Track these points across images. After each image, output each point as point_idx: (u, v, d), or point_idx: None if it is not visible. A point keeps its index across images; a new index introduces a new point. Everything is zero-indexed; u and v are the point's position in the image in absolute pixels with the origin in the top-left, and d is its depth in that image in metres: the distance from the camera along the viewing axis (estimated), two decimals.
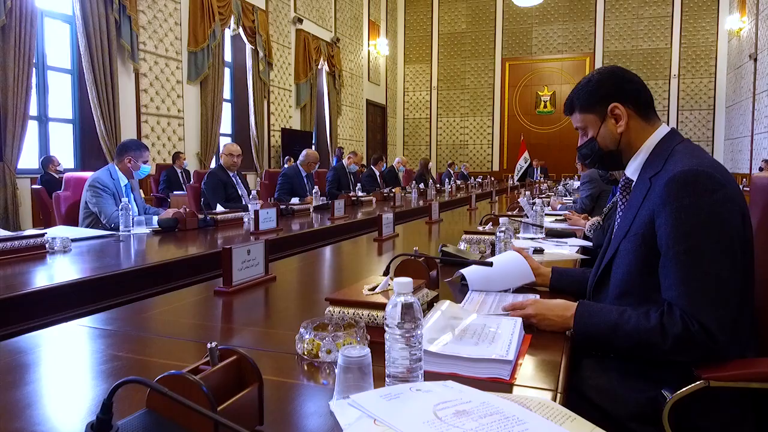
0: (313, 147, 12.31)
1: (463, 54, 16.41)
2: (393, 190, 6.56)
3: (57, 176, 5.80)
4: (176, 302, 1.40)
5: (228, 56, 9.72)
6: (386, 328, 0.79)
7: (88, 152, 7.16)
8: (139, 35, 7.42)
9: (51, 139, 6.83)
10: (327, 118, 12.78)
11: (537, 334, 1.13)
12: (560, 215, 3.66)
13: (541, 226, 2.60)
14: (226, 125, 9.91)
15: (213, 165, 9.20)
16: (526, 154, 14.54)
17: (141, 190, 6.62)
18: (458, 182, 8.90)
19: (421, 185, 6.96)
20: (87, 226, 2.96)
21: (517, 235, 2.71)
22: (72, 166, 7.08)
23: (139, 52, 7.45)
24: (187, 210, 2.95)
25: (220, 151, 4.35)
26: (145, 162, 3.23)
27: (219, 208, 3.29)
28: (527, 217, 3.00)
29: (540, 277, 1.50)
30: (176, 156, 7.38)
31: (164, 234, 2.78)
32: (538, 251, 2.15)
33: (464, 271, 1.52)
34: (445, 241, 2.65)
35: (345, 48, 13.53)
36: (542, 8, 14.90)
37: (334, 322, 1.04)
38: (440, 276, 1.59)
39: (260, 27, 9.86)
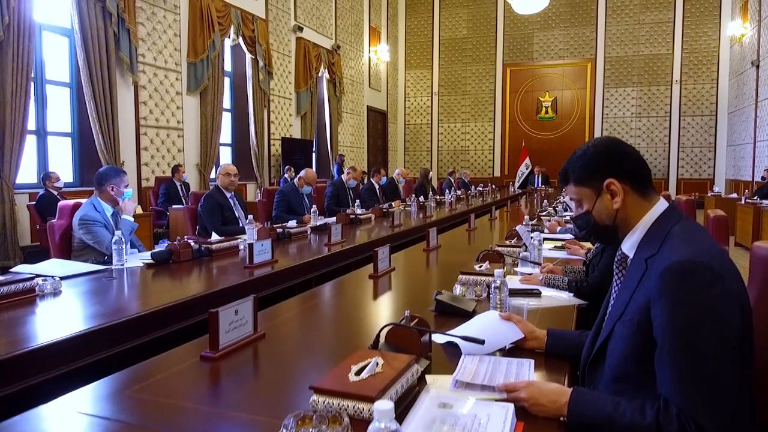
0: (314, 155, 12.30)
1: (464, 59, 16.39)
2: (392, 204, 6.54)
3: (55, 192, 5.77)
4: (161, 372, 1.36)
5: (228, 65, 9.71)
6: None
7: (87, 166, 7.14)
8: (138, 47, 7.40)
9: (50, 153, 6.81)
10: (327, 125, 12.76)
11: (530, 419, 1.10)
12: (560, 240, 3.61)
13: (540, 263, 2.56)
14: (225, 135, 9.90)
15: (213, 175, 9.20)
16: (527, 161, 14.49)
17: (139, 205, 6.60)
18: (458, 192, 8.85)
19: (421, 198, 6.92)
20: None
21: (515, 269, 2.68)
22: (71, 180, 7.07)
23: (138, 64, 7.43)
24: (181, 241, 2.92)
25: (217, 172, 4.32)
26: (126, 186, 3.21)
27: (214, 236, 3.25)
28: (525, 249, 2.96)
29: (535, 341, 1.47)
30: (175, 169, 7.36)
31: (158, 268, 2.75)
32: (536, 294, 2.12)
33: (455, 339, 1.48)
34: (441, 278, 2.61)
35: (345, 55, 13.50)
36: (543, 14, 14.83)
37: (318, 414, 1.01)
38: (436, 326, 1.56)
39: (260, 36, 9.84)
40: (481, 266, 2.32)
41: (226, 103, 9.65)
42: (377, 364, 1.15)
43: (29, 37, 6.00)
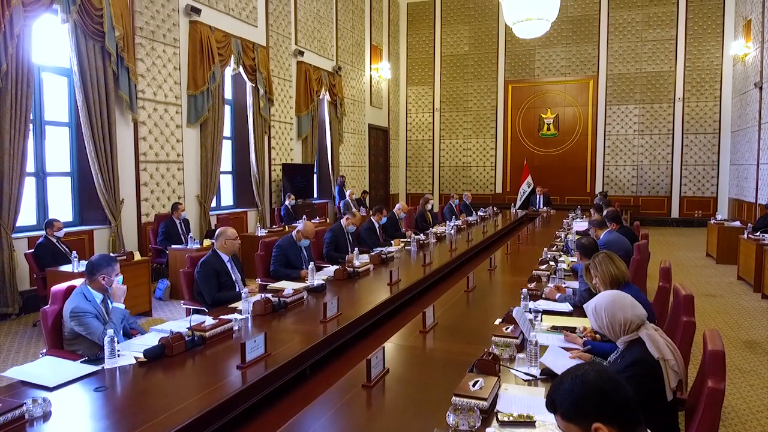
0: (315, 177, 12.26)
1: (466, 76, 16.36)
2: (392, 243, 6.52)
3: (55, 240, 5.76)
4: None
5: (228, 93, 9.70)
6: None
7: (87, 205, 7.15)
8: (137, 83, 7.39)
9: (49, 193, 6.80)
10: (329, 147, 12.74)
11: None
12: (559, 314, 3.57)
13: (535, 376, 2.53)
14: (226, 163, 9.90)
15: (213, 204, 9.19)
16: (529, 179, 14.42)
17: (138, 251, 6.58)
18: (458, 222, 8.84)
19: (421, 236, 6.89)
20: (73, 351, 2.93)
21: (511, 369, 2.65)
22: (71, 219, 7.07)
23: (137, 100, 7.43)
24: (173, 334, 2.91)
25: (217, 236, 4.28)
26: (117, 275, 3.19)
27: (208, 320, 3.23)
28: (521, 338, 2.93)
29: None
30: (175, 207, 7.35)
31: (150, 365, 2.72)
32: (529, 423, 2.09)
33: None
34: (436, 392, 2.52)
35: (347, 75, 13.49)
36: None
37: None
38: None
39: (260, 64, 9.83)
40: (475, 383, 2.29)
41: (227, 131, 9.64)
42: None
43: (28, 82, 5.99)
